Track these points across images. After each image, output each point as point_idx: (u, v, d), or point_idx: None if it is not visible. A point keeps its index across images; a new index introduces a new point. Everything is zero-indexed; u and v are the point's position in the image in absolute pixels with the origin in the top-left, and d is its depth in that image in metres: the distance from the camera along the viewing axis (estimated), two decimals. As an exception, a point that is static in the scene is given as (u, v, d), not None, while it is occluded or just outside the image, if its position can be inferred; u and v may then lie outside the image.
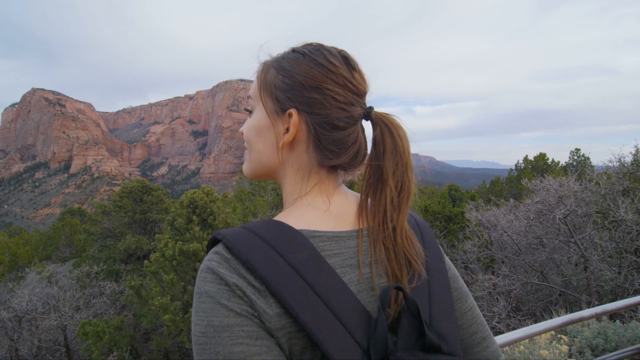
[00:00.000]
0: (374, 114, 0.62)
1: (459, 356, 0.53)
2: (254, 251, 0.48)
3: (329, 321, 0.46)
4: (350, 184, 5.93)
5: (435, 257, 0.63)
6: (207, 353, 0.44)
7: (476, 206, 8.85)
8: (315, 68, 0.59)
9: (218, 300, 0.45)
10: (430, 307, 0.56)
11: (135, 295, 7.21)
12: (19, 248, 24.20)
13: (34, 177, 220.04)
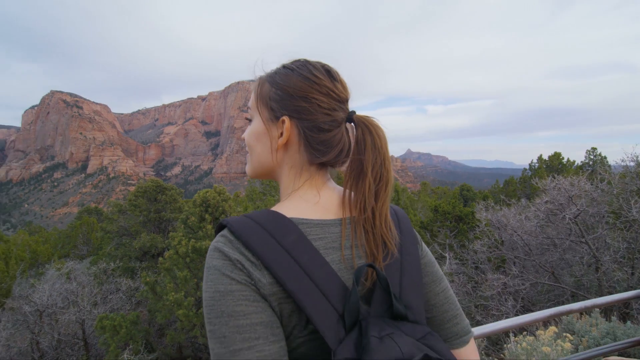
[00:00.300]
0: (356, 117, 0.72)
1: (422, 324, 0.63)
2: (252, 234, 0.59)
3: (311, 290, 0.57)
4: None
5: (410, 243, 0.73)
6: (215, 312, 0.55)
7: (486, 206, 8.79)
8: (302, 81, 0.69)
9: (223, 272, 0.57)
10: (401, 283, 0.67)
11: (150, 291, 7.47)
12: (38, 246, 24.98)
13: (52, 177, 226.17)
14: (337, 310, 0.57)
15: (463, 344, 0.74)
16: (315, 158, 0.71)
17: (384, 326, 0.57)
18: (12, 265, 16.31)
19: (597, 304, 1.60)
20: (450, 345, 0.74)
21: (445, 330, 0.74)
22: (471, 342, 0.76)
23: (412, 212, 20.79)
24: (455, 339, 0.74)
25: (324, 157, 0.71)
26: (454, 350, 0.74)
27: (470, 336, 0.76)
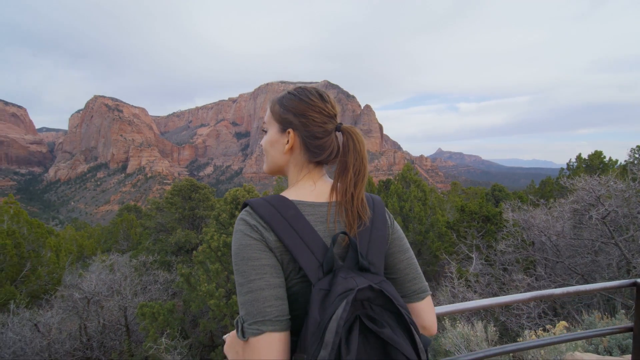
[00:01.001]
0: (342, 127, 1.00)
1: (380, 275, 0.88)
2: (264, 209, 0.88)
3: (302, 247, 0.84)
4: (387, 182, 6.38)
5: (380, 221, 0.99)
6: (239, 257, 0.84)
7: (512, 206, 8.65)
8: (301, 103, 0.98)
9: (245, 233, 0.85)
10: (368, 246, 0.93)
11: (185, 282, 8.07)
12: (84, 240, 26.83)
13: (96, 176, 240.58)
14: (319, 261, 0.85)
15: (419, 299, 0.99)
16: (313, 158, 1.00)
17: (350, 273, 0.83)
18: (62, 257, 17.76)
19: (580, 291, 1.75)
20: (409, 300, 0.99)
21: (406, 288, 1.00)
22: (427, 299, 1.00)
23: (439, 213, 20.49)
24: (413, 295, 0.99)
25: (319, 157, 1.00)
26: (412, 303, 0.99)
27: (426, 294, 1.00)
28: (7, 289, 13.09)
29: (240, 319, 0.81)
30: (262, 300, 0.79)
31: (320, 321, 0.73)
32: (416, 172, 23.50)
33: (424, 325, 0.99)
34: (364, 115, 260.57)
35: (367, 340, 0.73)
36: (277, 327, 0.78)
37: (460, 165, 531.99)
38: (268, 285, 0.80)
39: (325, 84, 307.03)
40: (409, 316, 0.80)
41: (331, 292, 0.77)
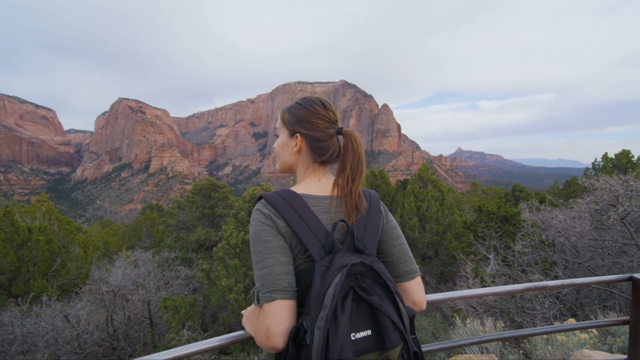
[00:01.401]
0: (343, 131, 1.16)
1: (373, 256, 1.04)
2: (275, 200, 1.05)
3: (307, 232, 1.01)
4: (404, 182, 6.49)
5: (374, 212, 1.15)
6: (255, 240, 1.01)
7: (529, 206, 8.54)
8: (307, 112, 1.15)
9: (260, 220, 1.03)
10: (364, 232, 1.09)
11: (205, 277, 8.41)
12: (109, 237, 27.88)
13: (120, 176, 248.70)
14: (321, 243, 1.02)
15: (410, 279, 1.15)
16: (317, 158, 1.17)
17: (347, 253, 0.99)
18: (89, 253, 18.60)
19: (574, 284, 1.85)
20: (401, 279, 1.15)
21: (398, 269, 1.16)
22: (417, 279, 1.16)
23: (457, 213, 20.24)
24: (405, 275, 1.15)
25: (322, 158, 1.17)
26: (404, 282, 1.15)
27: (416, 275, 1.16)
28: (40, 282, 13.86)
29: (256, 289, 0.99)
30: (274, 275, 0.97)
31: (321, 289, 0.90)
32: (433, 171, 23.29)
33: (414, 300, 1.15)
34: (381, 115, 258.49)
35: (359, 305, 0.90)
36: (285, 295, 0.96)
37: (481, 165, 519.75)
38: (278, 262, 0.98)
39: (343, 83, 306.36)
40: (395, 288, 0.96)
41: (330, 267, 0.94)
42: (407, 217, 19.19)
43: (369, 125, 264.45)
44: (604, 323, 1.93)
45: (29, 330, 10.51)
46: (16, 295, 14.48)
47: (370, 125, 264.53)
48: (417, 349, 1.01)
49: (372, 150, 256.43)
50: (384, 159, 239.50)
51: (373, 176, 25.13)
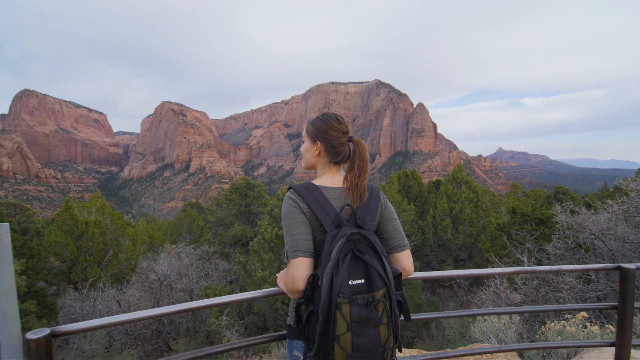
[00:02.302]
0: (352, 139, 1.55)
1: (370, 231, 1.42)
2: (300, 190, 1.47)
3: (322, 212, 1.42)
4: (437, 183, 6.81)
5: (374, 199, 1.53)
6: (285, 217, 1.44)
7: (563, 208, 8.36)
8: (324, 125, 1.55)
9: (289, 203, 1.45)
10: (364, 214, 1.47)
11: (242, 269, 9.06)
12: (154, 232, 29.71)
13: (163, 175, 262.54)
14: (332, 220, 1.41)
15: (400, 251, 1.52)
16: (332, 159, 1.57)
17: (350, 227, 1.38)
18: (137, 246, 20.15)
19: (562, 270, 2.09)
20: (393, 250, 1.52)
21: (392, 243, 1.53)
22: (406, 251, 1.53)
23: (493, 215, 19.71)
24: (396, 248, 1.52)
25: (336, 159, 1.57)
26: (395, 253, 1.52)
27: (405, 248, 1.52)
28: (95, 270, 15.29)
29: (286, 250, 1.41)
30: (298, 240, 1.38)
31: (329, 249, 1.30)
32: (468, 172, 22.75)
33: (403, 267, 1.52)
34: (416, 114, 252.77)
35: (355, 261, 1.29)
36: (305, 254, 1.36)
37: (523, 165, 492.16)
38: (301, 232, 1.39)
39: (376, 82, 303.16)
40: (383, 252, 1.34)
41: (337, 236, 1.33)
42: (440, 218, 18.99)
43: (403, 125, 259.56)
44: (594, 307, 2.16)
45: (88, 312, 11.72)
46: (75, 281, 16.08)
47: (404, 124, 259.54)
48: (402, 300, 1.38)
49: (406, 150, 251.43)
50: (418, 159, 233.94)
51: (405, 177, 25.00)
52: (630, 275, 2.10)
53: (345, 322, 1.21)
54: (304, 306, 1.33)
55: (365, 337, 1.21)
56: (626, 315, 2.12)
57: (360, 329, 1.21)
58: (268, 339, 1.81)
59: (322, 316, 1.22)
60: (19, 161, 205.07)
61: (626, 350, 2.15)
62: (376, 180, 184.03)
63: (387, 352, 1.26)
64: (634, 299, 2.11)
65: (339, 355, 1.21)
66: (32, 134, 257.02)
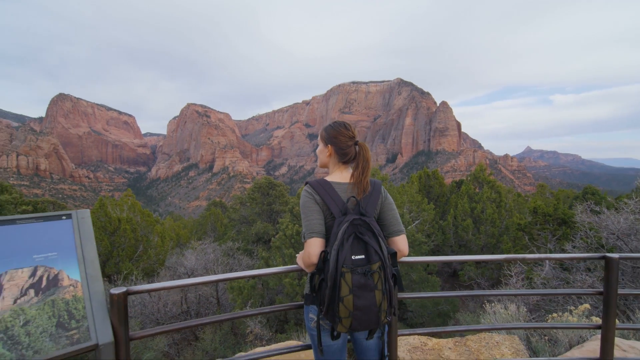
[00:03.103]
0: (358, 143, 1.89)
1: (370, 217, 1.75)
2: (315, 184, 1.82)
3: (332, 202, 1.76)
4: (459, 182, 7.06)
5: (376, 192, 1.86)
6: (303, 206, 1.80)
7: (583, 209, 8.28)
8: (334, 131, 1.91)
9: (305, 195, 1.81)
10: (367, 204, 1.81)
11: (265, 264, 9.52)
12: (180, 230, 30.89)
13: (188, 175, 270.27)
14: (340, 209, 1.76)
15: (396, 235, 1.84)
16: (341, 160, 1.91)
17: (354, 215, 1.72)
18: (166, 242, 21.17)
19: (550, 257, 2.33)
20: (391, 235, 1.84)
21: (390, 229, 1.85)
22: (402, 236, 1.85)
23: (517, 216, 19.36)
24: (394, 232, 1.85)
25: (344, 159, 1.91)
26: (393, 237, 1.84)
27: (401, 233, 1.84)
28: (127, 264, 16.24)
29: (303, 232, 1.76)
30: (313, 224, 1.73)
31: (336, 231, 1.64)
32: (491, 172, 22.40)
33: (399, 248, 1.84)
34: (439, 113, 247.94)
35: (357, 240, 1.63)
36: (318, 235, 1.71)
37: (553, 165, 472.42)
38: (315, 218, 1.74)
39: (398, 81, 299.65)
40: (380, 234, 1.67)
41: (343, 221, 1.67)
42: (460, 218, 18.85)
43: (426, 124, 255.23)
44: (581, 292, 2.38)
45: (122, 303, 12.51)
46: (109, 274, 17.13)
47: (427, 123, 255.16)
48: (397, 274, 1.71)
49: (429, 149, 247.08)
50: (441, 159, 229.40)
51: (426, 177, 24.89)
52: (614, 264, 2.32)
53: (348, 286, 1.55)
54: (317, 276, 1.68)
55: (363, 299, 1.55)
56: (610, 300, 2.34)
57: (360, 292, 1.55)
58: (288, 307, 2.17)
59: (330, 282, 1.56)
60: (55, 162, 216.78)
61: (611, 333, 2.37)
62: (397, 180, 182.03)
63: (382, 312, 1.59)
64: (618, 285, 2.32)
65: (343, 313, 1.55)
66: (66, 135, 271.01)
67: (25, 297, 1.50)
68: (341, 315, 1.56)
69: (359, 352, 1.90)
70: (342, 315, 1.56)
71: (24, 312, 1.46)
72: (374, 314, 1.57)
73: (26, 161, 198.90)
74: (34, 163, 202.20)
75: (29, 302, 1.49)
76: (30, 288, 1.52)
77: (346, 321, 1.56)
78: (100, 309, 1.60)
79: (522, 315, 4.11)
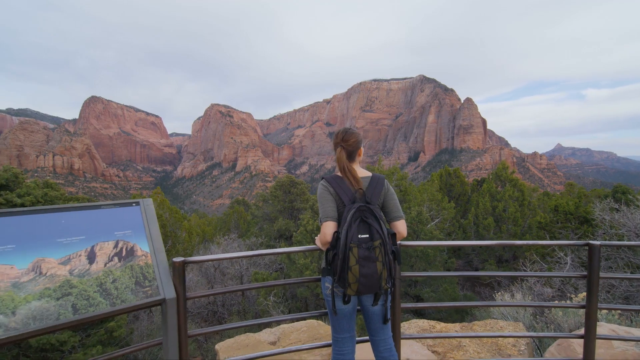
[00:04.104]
0: (336, 148, 2.31)
1: (375, 205, 2.16)
2: (329, 179, 2.26)
3: (343, 193, 2.19)
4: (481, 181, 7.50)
5: (379, 185, 2.27)
6: (319, 197, 2.24)
7: (602, 207, 8.27)
8: (342, 135, 2.33)
9: (322, 188, 2.26)
10: (372, 194, 2.23)
11: (287, 258, 10.03)
12: (205, 227, 32.02)
13: (212, 174, 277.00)
14: (349, 198, 2.17)
15: (396, 220, 2.25)
16: (350, 159, 2.33)
17: (361, 203, 2.13)
18: (192, 238, 22.18)
19: (537, 244, 2.64)
20: (392, 220, 2.25)
21: (391, 215, 2.26)
22: (401, 220, 2.25)
23: (540, 215, 19.02)
24: (394, 218, 2.26)
25: (352, 158, 2.32)
26: (393, 222, 2.24)
27: (401, 218, 2.24)
28: (159, 258, 17.21)
29: (320, 217, 2.19)
30: (327, 210, 2.16)
31: (346, 216, 2.06)
32: (513, 170, 22.04)
33: (398, 231, 2.24)
34: (463, 110, 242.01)
35: (363, 223, 2.04)
36: (332, 219, 2.14)
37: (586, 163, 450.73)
38: (329, 206, 2.17)
39: (421, 78, 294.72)
40: (382, 218, 2.08)
41: (351, 207, 2.09)
42: (482, 216, 18.75)
43: (450, 121, 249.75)
44: (567, 275, 2.68)
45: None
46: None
47: (451, 121, 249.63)
48: (396, 250, 2.11)
49: (452, 147, 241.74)
50: (466, 157, 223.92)
51: (447, 175, 24.77)
52: (596, 250, 2.61)
53: (355, 258, 1.97)
54: (331, 251, 2.11)
55: (367, 268, 1.97)
56: (593, 281, 2.64)
57: (364, 262, 1.97)
58: (308, 280, 2.61)
59: (341, 255, 1.99)
60: (88, 161, 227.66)
61: (593, 311, 2.67)
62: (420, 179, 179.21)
63: (382, 279, 2.01)
64: (600, 269, 2.62)
65: (351, 279, 1.97)
66: (98, 136, 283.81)
67: (112, 262, 2.01)
68: (350, 281, 1.98)
69: (367, 316, 2.31)
70: (351, 281, 1.98)
71: (112, 273, 1.97)
72: (376, 280, 1.99)
73: (61, 161, 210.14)
74: (69, 162, 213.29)
75: (115, 266, 2.00)
76: (115, 256, 2.03)
77: (354, 286, 1.99)
78: (165, 274, 2.10)
79: (527, 303, 4.37)
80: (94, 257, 1.98)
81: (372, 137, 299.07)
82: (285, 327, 4.12)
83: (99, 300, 1.87)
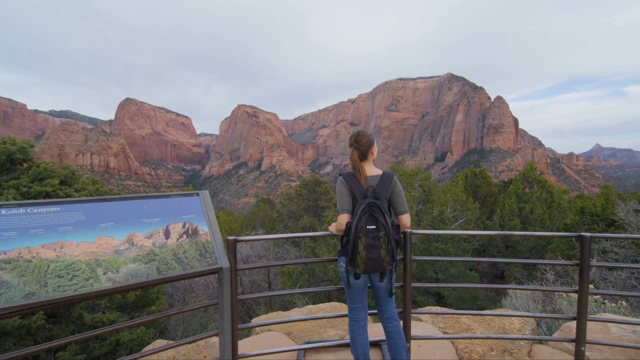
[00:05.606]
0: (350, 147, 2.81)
1: (383, 200, 2.64)
2: (346, 176, 2.77)
3: (357, 189, 2.68)
4: (508, 182, 7.93)
5: (387, 182, 2.75)
6: (338, 192, 2.76)
7: (627, 209, 8.24)
8: (356, 137, 2.83)
9: (340, 184, 2.77)
10: (380, 191, 2.71)
11: (311, 253, 10.59)
12: (232, 224, 33.19)
13: (238, 173, 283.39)
14: (361, 193, 2.67)
15: (402, 214, 2.74)
16: (362, 158, 2.82)
17: (370, 198, 2.62)
18: (222, 234, 23.30)
19: (534, 235, 3.01)
20: (398, 214, 2.75)
21: (397, 209, 2.76)
22: (406, 214, 2.74)
23: (570, 217, 18.56)
24: (400, 212, 2.75)
25: (365, 158, 2.82)
26: (399, 216, 2.73)
27: (405, 212, 2.73)
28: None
29: (337, 209, 2.69)
30: (344, 204, 2.67)
31: (357, 210, 2.56)
32: (541, 172, 21.55)
33: (402, 223, 2.71)
34: (494, 108, 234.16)
35: (371, 216, 2.54)
36: (347, 212, 2.65)
37: (628, 165, 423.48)
38: (345, 200, 2.68)
39: (449, 76, 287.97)
40: (386, 211, 2.56)
41: (362, 202, 2.59)
42: (507, 218, 18.55)
43: (479, 121, 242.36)
44: (560, 263, 3.04)
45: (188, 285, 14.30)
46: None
47: (480, 120, 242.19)
48: (398, 239, 2.58)
49: (481, 147, 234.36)
50: (496, 157, 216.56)
51: (473, 175, 24.53)
52: (587, 241, 2.96)
53: (362, 245, 2.48)
54: (344, 238, 2.61)
55: (372, 254, 2.47)
56: (584, 269, 2.99)
57: (370, 249, 2.47)
58: (326, 260, 3.12)
59: (352, 242, 2.50)
60: (122, 160, 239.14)
61: (585, 295, 3.01)
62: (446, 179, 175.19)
63: (385, 262, 2.50)
64: (590, 258, 2.97)
65: (359, 261, 2.49)
66: (132, 136, 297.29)
67: (182, 238, 2.61)
68: (358, 262, 2.50)
69: (375, 290, 2.82)
70: (359, 263, 2.50)
71: (182, 246, 2.57)
72: (379, 263, 2.50)
73: (98, 159, 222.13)
74: (105, 161, 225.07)
75: (184, 241, 2.60)
76: (184, 234, 2.63)
77: (362, 266, 2.51)
78: (221, 249, 2.68)
79: (536, 296, 4.66)
80: (168, 234, 2.59)
81: (398, 136, 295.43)
82: (312, 307, 4.66)
83: (175, 265, 2.47)
